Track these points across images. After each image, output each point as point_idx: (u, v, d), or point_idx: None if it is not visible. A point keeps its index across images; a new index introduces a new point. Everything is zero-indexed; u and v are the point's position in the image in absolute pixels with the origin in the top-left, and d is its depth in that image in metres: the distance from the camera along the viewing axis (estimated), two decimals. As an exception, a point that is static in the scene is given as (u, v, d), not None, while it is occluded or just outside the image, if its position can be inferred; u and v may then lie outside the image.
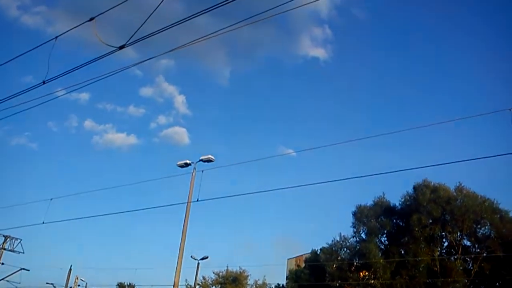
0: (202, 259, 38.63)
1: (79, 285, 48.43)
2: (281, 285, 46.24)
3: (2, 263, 41.99)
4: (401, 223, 36.37)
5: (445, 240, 35.04)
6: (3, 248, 41.52)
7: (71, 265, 46.48)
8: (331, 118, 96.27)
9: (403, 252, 34.42)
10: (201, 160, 22.07)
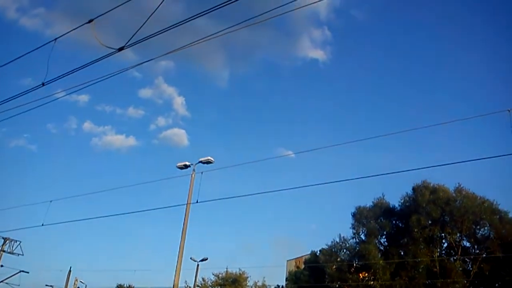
0: (202, 260, 38.71)
1: (78, 287, 48.45)
2: (281, 286, 46.17)
3: (2, 265, 41.84)
4: (400, 224, 36.38)
5: (444, 241, 35.02)
6: (2, 250, 41.40)
7: (70, 267, 46.57)
8: (330, 120, 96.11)
9: (402, 253, 34.40)
10: (200, 162, 22.14)
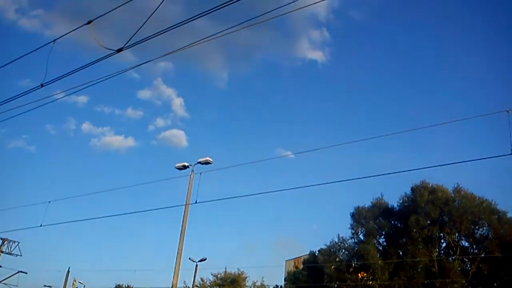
0: (201, 261, 38.70)
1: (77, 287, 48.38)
2: (280, 286, 46.20)
3: (0, 266, 41.90)
4: (399, 224, 36.42)
5: (443, 241, 35.08)
6: (0, 251, 41.37)
7: (69, 268, 46.63)
8: (330, 120, 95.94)
9: (401, 253, 34.45)
10: (199, 163, 22.12)
